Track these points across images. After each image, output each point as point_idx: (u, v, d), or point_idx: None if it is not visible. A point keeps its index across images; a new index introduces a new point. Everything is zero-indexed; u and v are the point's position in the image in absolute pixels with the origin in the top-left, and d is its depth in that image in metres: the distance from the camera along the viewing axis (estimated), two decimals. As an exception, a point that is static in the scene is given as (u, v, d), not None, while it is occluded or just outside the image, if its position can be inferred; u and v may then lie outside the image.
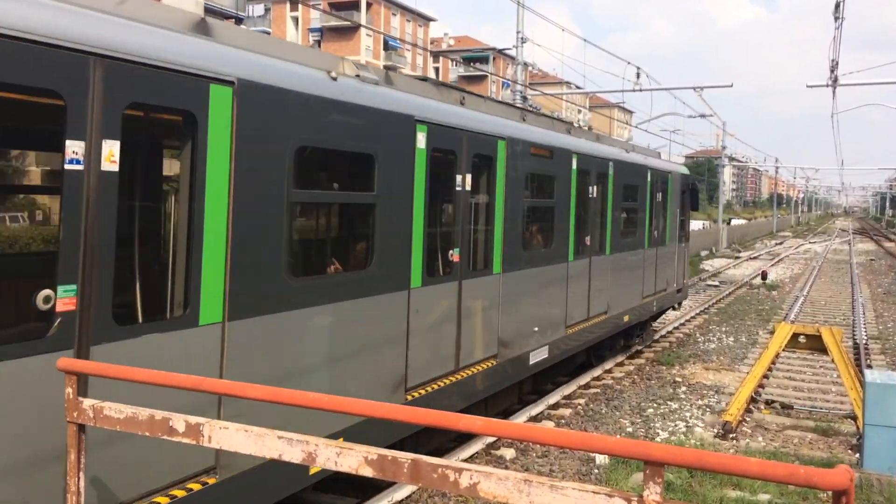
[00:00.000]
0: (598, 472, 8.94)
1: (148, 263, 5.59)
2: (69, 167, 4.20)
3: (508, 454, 9.39)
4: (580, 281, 11.62)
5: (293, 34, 75.55)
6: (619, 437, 7.77)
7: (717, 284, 29.52)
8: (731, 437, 10.45)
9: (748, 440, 10.41)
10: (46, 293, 4.14)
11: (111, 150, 4.39)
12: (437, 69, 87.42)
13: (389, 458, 3.27)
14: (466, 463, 3.47)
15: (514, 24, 24.18)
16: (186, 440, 3.66)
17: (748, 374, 13.30)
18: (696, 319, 20.89)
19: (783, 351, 13.19)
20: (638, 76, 27.88)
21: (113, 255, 4.44)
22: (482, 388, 8.77)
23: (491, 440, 9.64)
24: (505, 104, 10.25)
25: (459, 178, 8.13)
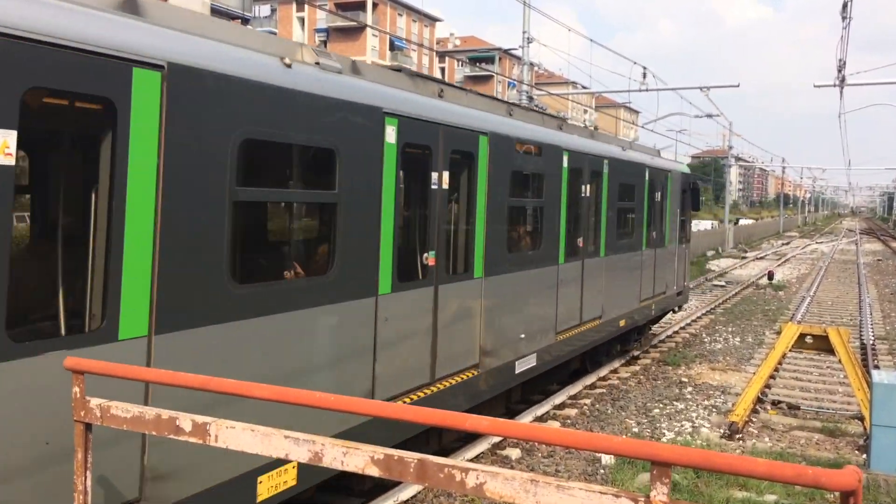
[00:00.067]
0: (603, 472, 8.93)
1: (53, 270, 4.88)
2: None
3: (514, 454, 9.39)
4: (572, 284, 11.16)
5: (299, 34, 75.69)
6: (625, 437, 7.77)
7: (723, 284, 29.45)
8: (737, 437, 10.43)
9: (755, 441, 10.38)
10: None
11: (5, 140, 3.93)
12: (442, 69, 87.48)
13: (396, 457, 3.27)
14: (473, 463, 3.46)
15: (520, 24, 24.23)
16: (193, 439, 3.65)
17: (755, 374, 13.27)
18: (702, 319, 20.86)
19: (790, 351, 13.13)
20: (644, 76, 27.89)
21: (6, 259, 3.97)
22: (461, 400, 8.22)
23: (496, 440, 9.65)
24: (490, 98, 9.78)
25: (435, 175, 7.63)
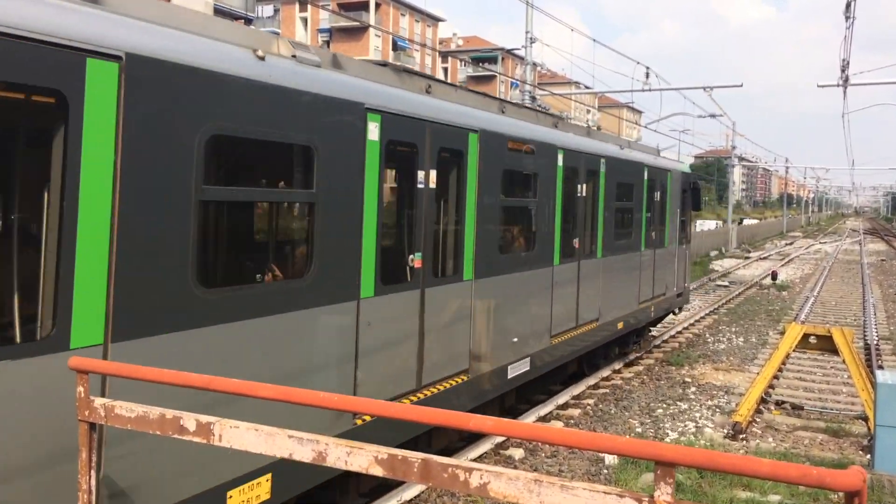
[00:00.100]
0: (607, 472, 8.93)
1: None
2: None
3: (517, 454, 9.39)
4: (567, 286, 10.84)
5: (302, 35, 75.75)
6: (629, 437, 7.75)
7: (726, 285, 29.41)
8: (741, 437, 10.41)
9: (758, 441, 10.37)
10: None
11: None
12: (445, 69, 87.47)
13: (400, 457, 3.27)
14: (476, 462, 3.46)
15: (523, 24, 24.21)
16: (197, 439, 3.66)
17: (758, 374, 13.25)
18: (705, 320, 20.84)
19: (793, 351, 13.12)
20: (647, 76, 27.88)
21: None
22: (450, 406, 7.85)
23: (500, 440, 9.64)
24: (482, 95, 9.49)
25: (422, 174, 7.33)
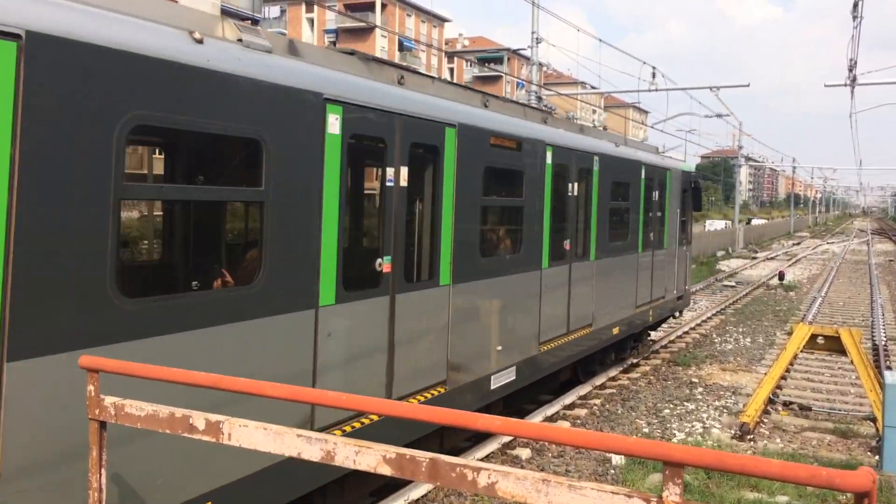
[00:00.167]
0: (613, 472, 8.92)
1: None
2: None
3: (524, 454, 9.39)
4: (557, 291, 10.29)
5: (308, 35, 75.89)
6: (636, 437, 7.75)
7: (733, 285, 29.34)
8: (748, 438, 10.39)
9: (766, 442, 10.34)
10: None
11: None
12: (451, 69, 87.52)
13: (408, 456, 3.27)
14: (484, 462, 3.47)
15: (528, 24, 24.24)
16: (206, 438, 3.67)
17: (766, 375, 13.21)
18: (712, 320, 20.80)
19: (801, 352, 13.08)
20: (654, 76, 27.82)
21: None
22: (414, 428, 7.18)
23: (507, 440, 9.65)
24: (464, 87, 8.93)
25: (391, 171, 6.80)
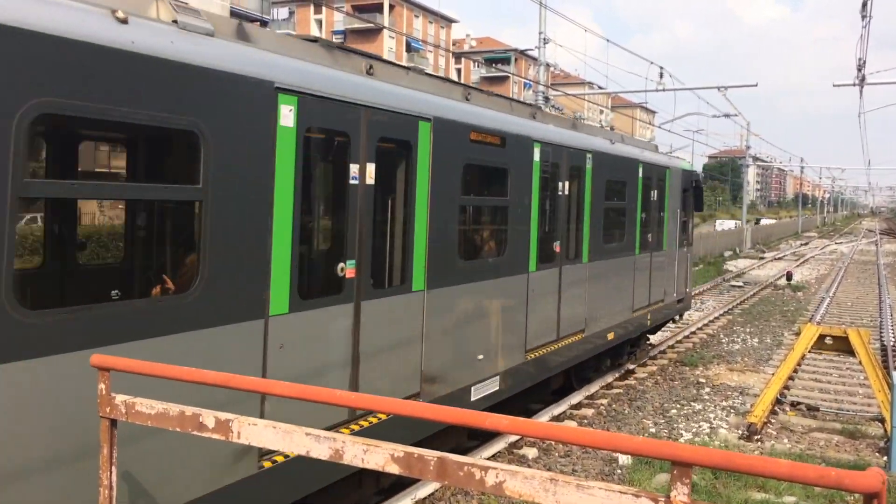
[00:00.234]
0: (620, 472, 8.92)
1: None
2: None
3: (531, 453, 9.40)
4: (546, 295, 9.77)
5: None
6: (644, 437, 7.73)
7: (741, 285, 29.26)
8: (755, 438, 10.37)
9: (773, 442, 10.32)
10: None
11: None
12: (459, 70, 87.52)
13: (416, 455, 3.28)
14: (492, 461, 3.47)
15: (536, 25, 24.24)
16: (216, 436, 3.70)
17: (773, 375, 13.17)
18: (720, 320, 20.75)
19: (809, 352, 13.04)
20: (661, 76, 27.79)
21: None
22: (397, 437, 6.64)
23: (514, 439, 9.65)
24: (442, 79, 8.42)
25: (356, 167, 6.28)
